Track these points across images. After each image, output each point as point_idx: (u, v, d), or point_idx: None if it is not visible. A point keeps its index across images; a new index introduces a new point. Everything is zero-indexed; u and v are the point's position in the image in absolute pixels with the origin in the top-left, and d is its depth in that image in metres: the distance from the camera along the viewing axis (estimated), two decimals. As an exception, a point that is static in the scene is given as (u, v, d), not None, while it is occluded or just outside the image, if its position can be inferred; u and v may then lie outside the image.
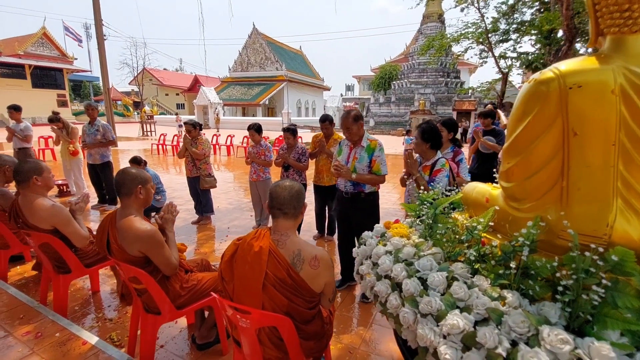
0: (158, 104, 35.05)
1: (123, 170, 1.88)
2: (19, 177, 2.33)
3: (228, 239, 4.38)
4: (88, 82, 43.59)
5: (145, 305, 1.98)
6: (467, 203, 1.42)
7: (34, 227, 2.33)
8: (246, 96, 33.65)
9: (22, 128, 5.97)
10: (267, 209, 1.57)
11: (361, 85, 51.58)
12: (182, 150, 4.75)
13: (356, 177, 2.79)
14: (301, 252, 1.46)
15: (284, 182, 1.56)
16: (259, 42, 35.64)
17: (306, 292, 1.45)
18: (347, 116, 2.76)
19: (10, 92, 26.74)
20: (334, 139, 4.09)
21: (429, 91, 27.66)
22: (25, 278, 3.23)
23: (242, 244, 1.50)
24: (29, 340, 2.08)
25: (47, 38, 30.57)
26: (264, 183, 4.58)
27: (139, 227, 1.79)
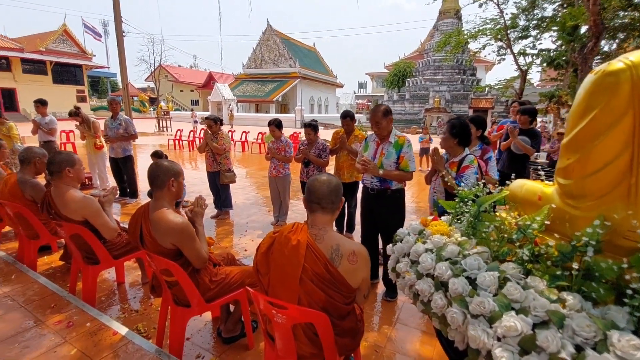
0: (173, 100, 35.54)
1: (156, 162, 1.88)
2: (52, 168, 2.37)
3: (247, 234, 4.39)
4: (106, 79, 44.55)
5: (175, 297, 1.99)
6: (516, 200, 1.36)
7: (65, 218, 2.37)
8: (260, 93, 33.80)
9: (47, 121, 6.11)
10: (305, 203, 1.55)
11: (374, 82, 51.21)
12: (202, 144, 4.78)
13: (383, 173, 2.74)
14: (339, 247, 1.43)
15: (321, 176, 1.53)
16: (272, 39, 35.68)
17: (344, 287, 1.42)
18: (376, 111, 2.71)
19: (32, 87, 27.55)
20: (354, 135, 4.04)
21: (444, 89, 27.23)
22: (52, 268, 3.31)
23: (279, 236, 1.48)
24: (61, 329, 2.12)
25: (67, 35, 31.32)
26: (284, 179, 4.57)
27: (171, 219, 1.79)
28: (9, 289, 2.62)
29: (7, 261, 3.09)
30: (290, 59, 34.68)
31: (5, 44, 27.10)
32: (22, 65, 27.95)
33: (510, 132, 4.07)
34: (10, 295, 2.53)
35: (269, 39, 35.93)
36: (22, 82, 27.82)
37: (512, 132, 4.04)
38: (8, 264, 3.03)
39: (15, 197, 2.91)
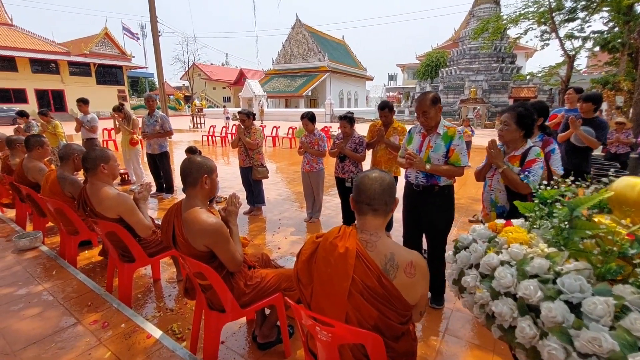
0: (206, 98, 36.55)
1: (189, 158, 1.75)
2: (87, 165, 2.33)
3: (280, 231, 4.27)
4: (144, 79, 46.68)
5: (209, 301, 1.87)
6: (628, 204, 1.08)
7: (100, 216, 2.33)
8: (289, 88, 33.87)
9: (89, 119, 6.34)
10: (353, 204, 1.34)
11: (405, 74, 49.66)
12: (235, 140, 4.71)
13: (430, 168, 2.47)
14: (395, 256, 1.22)
15: (372, 172, 1.32)
16: (301, 33, 35.55)
17: (399, 304, 1.21)
18: (423, 99, 2.44)
19: (78, 88, 29.42)
20: (393, 127, 3.77)
21: (481, 78, 25.81)
22: (92, 263, 3.35)
23: (324, 242, 1.29)
24: (96, 329, 2.08)
25: (108, 38, 33.02)
26: (317, 174, 4.39)
27: (204, 219, 1.65)
28: (50, 284, 2.65)
29: (49, 256, 3.16)
30: (319, 52, 34.41)
31: (55, 48, 29.06)
32: (69, 68, 29.89)
33: (571, 123, 3.59)
34: (50, 291, 2.56)
35: (297, 34, 35.83)
36: (69, 84, 29.77)
37: (574, 122, 3.56)
38: (50, 259, 3.10)
39: (55, 193, 2.95)
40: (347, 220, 4.21)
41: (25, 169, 3.51)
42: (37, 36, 29.09)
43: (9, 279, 2.75)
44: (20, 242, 3.27)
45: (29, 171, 3.49)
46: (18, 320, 2.17)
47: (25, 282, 2.69)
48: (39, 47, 27.98)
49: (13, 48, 26.26)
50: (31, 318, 2.20)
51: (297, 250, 3.67)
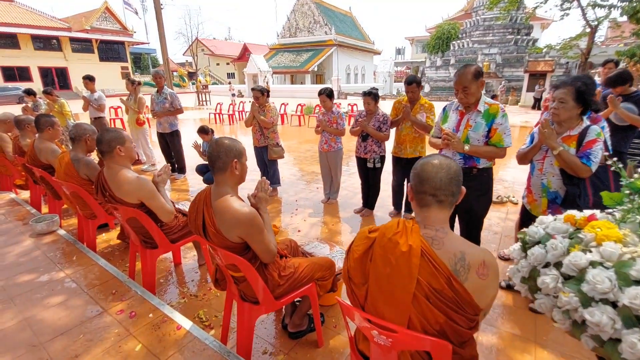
0: (210, 74, 35.79)
1: (216, 141, 1.59)
2: (102, 147, 2.19)
3: (298, 213, 4.16)
4: (147, 55, 45.75)
5: (242, 293, 1.77)
6: None
7: (120, 201, 2.21)
8: (295, 63, 32.92)
9: (96, 97, 6.15)
10: (412, 193, 1.18)
11: (414, 47, 47.97)
12: (249, 118, 4.51)
13: (470, 149, 2.28)
14: (465, 255, 1.07)
15: (435, 158, 1.15)
16: (307, 5, 34.11)
17: (470, 308, 1.07)
18: (464, 72, 2.21)
19: (81, 65, 28.93)
20: (419, 104, 3.53)
21: (494, 51, 24.78)
22: (111, 246, 3.29)
23: (380, 238, 1.14)
24: (123, 319, 2.01)
25: (109, 12, 32.09)
26: (335, 154, 4.21)
27: (238, 209, 1.51)
28: (71, 270, 2.58)
29: (68, 240, 3.09)
30: (325, 25, 33.13)
31: (56, 24, 28.34)
32: (71, 45, 29.27)
33: (610, 102, 3.31)
34: (72, 277, 2.49)
35: (303, 5, 34.39)
36: (72, 61, 29.25)
37: (613, 101, 3.28)
38: (69, 244, 3.03)
39: (71, 176, 2.83)
40: (368, 202, 4.07)
41: (37, 150, 3.38)
42: (37, 12, 28.36)
43: (29, 264, 2.68)
44: (38, 226, 3.20)
45: (41, 152, 3.37)
46: (43, 309, 2.11)
47: (46, 268, 2.63)
48: (40, 22, 27.32)
49: (14, 24, 25.68)
50: (56, 307, 2.14)
51: (317, 233, 3.61)
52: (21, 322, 1.99)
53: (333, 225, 3.82)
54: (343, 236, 3.56)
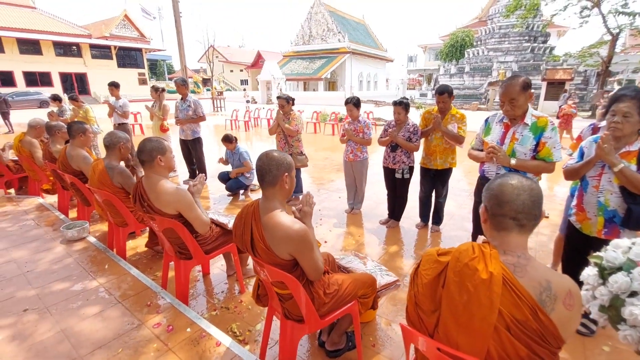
0: (224, 81, 36.31)
1: (266, 154, 1.55)
2: (143, 157, 2.18)
3: (322, 223, 4.10)
4: (162, 61, 46.74)
5: (285, 311, 1.71)
6: None
7: (158, 212, 2.19)
8: (308, 70, 33.19)
9: (121, 104, 6.25)
10: (486, 215, 1.11)
11: (427, 55, 47.81)
12: (273, 126, 4.50)
13: (516, 163, 2.20)
14: (551, 284, 0.99)
15: (512, 178, 1.08)
16: (321, 13, 34.48)
17: (554, 340, 0.99)
18: (512, 83, 2.14)
19: (100, 71, 29.70)
20: (451, 114, 3.46)
21: (510, 59, 24.51)
22: (138, 254, 3.28)
23: (455, 263, 1.07)
24: (161, 333, 1.97)
25: (128, 20, 33.01)
26: (361, 164, 4.16)
27: (289, 225, 1.47)
28: (104, 279, 2.57)
29: (98, 248, 3.10)
30: (339, 33, 33.38)
31: (76, 31, 29.24)
32: (90, 51, 30.11)
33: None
34: (106, 287, 2.47)
35: (317, 13, 34.78)
36: (91, 67, 30.06)
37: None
38: (100, 251, 3.03)
39: (104, 183, 2.84)
40: (394, 213, 3.99)
41: (69, 157, 3.42)
42: (59, 19, 29.32)
43: (62, 272, 2.69)
44: (69, 233, 3.22)
45: (73, 159, 3.40)
46: (79, 321, 2.09)
47: (79, 276, 2.62)
48: (61, 29, 28.21)
49: (37, 31, 26.57)
50: (92, 318, 2.12)
51: (345, 245, 3.54)
52: (59, 333, 1.97)
53: (359, 236, 3.75)
54: (370, 248, 3.49)
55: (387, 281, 2.15)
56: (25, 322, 2.09)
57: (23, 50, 26.32)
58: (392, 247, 3.46)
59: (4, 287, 2.48)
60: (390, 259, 3.21)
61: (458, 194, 5.12)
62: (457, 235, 3.74)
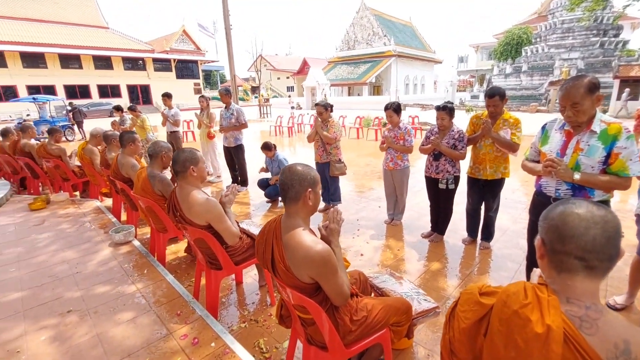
0: (271, 88, 37.53)
1: (289, 168, 1.46)
2: (177, 167, 2.22)
3: (360, 234, 3.93)
4: (216, 72, 49.70)
5: (308, 336, 1.59)
6: None
7: (190, 222, 2.20)
8: (352, 75, 33.05)
9: (173, 113, 6.64)
10: (543, 250, 0.90)
11: (479, 54, 45.23)
12: (312, 133, 4.44)
13: (581, 178, 1.88)
14: (631, 346, 0.76)
15: (579, 206, 0.85)
16: (366, 18, 34.23)
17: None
18: (574, 85, 1.83)
19: (161, 83, 32.35)
20: (503, 118, 3.12)
21: (575, 55, 22.28)
22: (178, 258, 3.37)
23: (501, 308, 0.87)
24: (186, 345, 1.96)
25: (186, 34, 35.58)
26: (402, 172, 3.92)
27: (311, 246, 1.35)
28: (142, 285, 2.66)
29: (141, 252, 3.24)
30: (384, 36, 32.84)
31: (142, 47, 32.17)
32: (153, 64, 32.95)
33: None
34: (142, 292, 2.55)
35: (362, 18, 34.59)
36: (153, 79, 32.86)
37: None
38: (142, 256, 3.16)
39: (146, 191, 2.96)
40: (437, 226, 3.70)
41: (120, 165, 3.64)
42: (127, 36, 32.48)
43: (106, 274, 2.84)
44: (116, 237, 3.42)
45: (123, 167, 3.62)
46: (114, 326, 2.16)
47: (120, 280, 2.75)
48: (129, 46, 31.22)
49: (109, 49, 29.65)
50: (126, 324, 2.18)
51: (383, 259, 3.32)
52: (94, 337, 2.05)
53: (398, 250, 3.52)
54: (409, 264, 3.25)
55: (425, 307, 1.93)
56: (67, 323, 2.21)
57: (97, 66, 29.53)
58: (435, 264, 3.19)
59: (56, 287, 2.68)
60: (432, 278, 2.95)
61: (512, 206, 4.64)
62: (511, 253, 3.35)
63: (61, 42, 26.98)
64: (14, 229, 3.96)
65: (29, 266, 3.06)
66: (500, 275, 2.98)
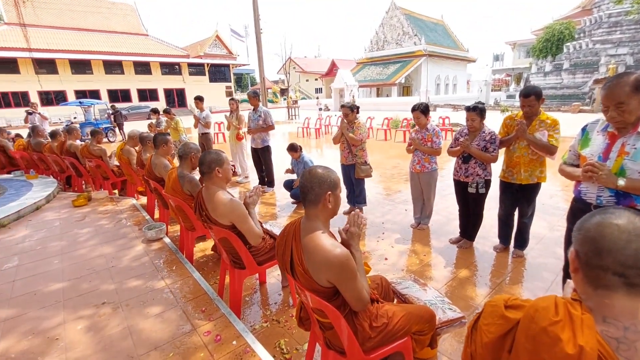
0: (300, 90, 37.95)
1: (309, 171, 1.45)
2: (203, 168, 2.29)
3: (384, 237, 3.85)
4: (247, 75, 51.03)
5: (327, 340, 1.58)
6: None
7: (215, 222, 2.26)
8: (381, 76, 32.69)
9: (204, 116, 6.88)
10: (577, 263, 0.83)
11: (516, 52, 43.15)
12: (337, 135, 4.42)
13: (626, 184, 1.72)
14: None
15: (619, 216, 0.78)
16: (396, 17, 33.74)
17: None
18: (618, 83, 1.69)
19: (195, 86, 33.74)
20: (539, 119, 2.94)
21: (624, 51, 20.67)
22: (205, 256, 3.48)
23: (528, 324, 0.81)
24: (209, 342, 2.02)
25: (219, 39, 36.79)
26: (429, 175, 3.81)
27: (329, 249, 1.34)
28: (171, 280, 2.77)
29: (171, 249, 3.37)
30: (414, 36, 32.20)
31: (178, 52, 33.68)
32: (188, 69, 34.44)
33: None
34: (170, 288, 2.66)
35: (392, 18, 34.14)
36: (188, 83, 34.34)
37: None
38: (171, 253, 3.29)
39: (176, 190, 3.08)
40: (467, 231, 3.55)
41: (153, 165, 3.82)
42: (165, 43, 34.14)
43: (139, 269, 2.98)
44: (149, 234, 3.58)
45: (156, 167, 3.79)
46: (143, 319, 2.27)
47: (150, 275, 2.87)
48: (166, 52, 32.80)
49: (148, 55, 31.31)
50: (154, 318, 2.28)
51: (408, 264, 3.23)
52: (125, 329, 2.16)
53: (424, 255, 3.42)
54: (436, 270, 3.14)
55: (450, 317, 1.85)
56: (101, 314, 2.35)
57: (137, 71, 31.31)
58: (463, 272, 3.06)
59: (93, 279, 2.85)
60: (460, 286, 2.83)
61: (550, 212, 4.37)
62: (546, 263, 3.15)
63: (106, 49, 28.85)
64: (59, 224, 4.26)
65: (71, 259, 3.28)
66: (535, 286, 2.80)
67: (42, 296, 2.64)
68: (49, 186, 5.80)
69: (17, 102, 26.03)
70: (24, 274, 3.03)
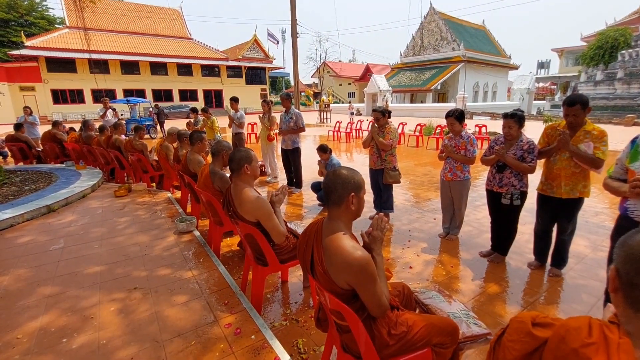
0: (333, 94, 38.15)
1: (334, 172, 1.45)
2: (233, 165, 2.36)
3: (410, 245, 3.76)
4: (282, 78, 52.08)
5: (344, 344, 1.57)
6: None
7: (241, 218, 2.32)
8: (416, 82, 32.06)
9: (238, 116, 7.11)
10: (617, 283, 0.76)
11: (563, 60, 40.72)
12: (367, 139, 4.38)
13: (683, 202, 1.57)
14: None
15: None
16: (435, 22, 33.03)
17: None
18: None
19: (232, 88, 34.98)
20: (584, 130, 2.74)
21: (690, 60, 18.84)
22: (232, 251, 3.57)
23: (558, 344, 0.76)
24: (229, 334, 2.07)
25: (257, 43, 37.90)
26: (461, 184, 3.68)
27: (350, 251, 1.33)
28: (197, 272, 2.87)
29: (200, 242, 3.50)
30: (453, 41, 31.33)
31: (218, 55, 35.12)
32: (226, 71, 35.77)
33: None
34: (197, 279, 2.76)
35: (430, 23, 33.47)
36: (226, 85, 35.67)
37: None
38: (200, 246, 3.42)
39: (207, 186, 3.20)
40: (499, 245, 3.38)
41: (188, 161, 4.00)
42: (206, 46, 35.71)
43: (169, 259, 3.12)
44: (180, 226, 3.75)
45: (190, 163, 3.96)
46: (169, 306, 2.37)
47: (179, 265, 3.00)
48: (207, 55, 34.31)
49: (191, 57, 32.91)
50: (179, 306, 2.37)
51: (434, 275, 3.12)
52: (152, 314, 2.27)
53: (452, 267, 3.29)
54: (463, 283, 3.01)
55: (475, 332, 1.77)
56: (132, 298, 2.49)
57: (180, 73, 33.02)
58: (492, 287, 2.91)
59: (127, 265, 3.03)
60: (488, 301, 2.70)
61: (594, 231, 4.05)
62: (587, 285, 2.92)
63: (152, 51, 30.68)
64: (101, 212, 4.57)
65: (109, 245, 3.50)
66: (572, 309, 2.61)
67: (81, 277, 2.84)
68: (95, 176, 6.23)
69: (73, 99, 28.33)
70: (67, 255, 3.28)
